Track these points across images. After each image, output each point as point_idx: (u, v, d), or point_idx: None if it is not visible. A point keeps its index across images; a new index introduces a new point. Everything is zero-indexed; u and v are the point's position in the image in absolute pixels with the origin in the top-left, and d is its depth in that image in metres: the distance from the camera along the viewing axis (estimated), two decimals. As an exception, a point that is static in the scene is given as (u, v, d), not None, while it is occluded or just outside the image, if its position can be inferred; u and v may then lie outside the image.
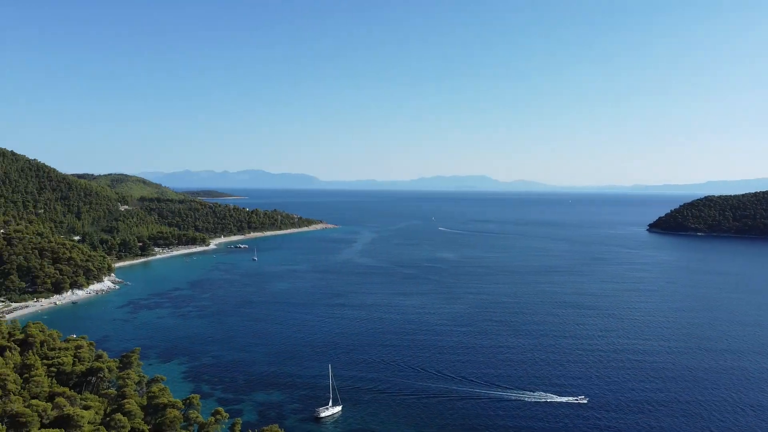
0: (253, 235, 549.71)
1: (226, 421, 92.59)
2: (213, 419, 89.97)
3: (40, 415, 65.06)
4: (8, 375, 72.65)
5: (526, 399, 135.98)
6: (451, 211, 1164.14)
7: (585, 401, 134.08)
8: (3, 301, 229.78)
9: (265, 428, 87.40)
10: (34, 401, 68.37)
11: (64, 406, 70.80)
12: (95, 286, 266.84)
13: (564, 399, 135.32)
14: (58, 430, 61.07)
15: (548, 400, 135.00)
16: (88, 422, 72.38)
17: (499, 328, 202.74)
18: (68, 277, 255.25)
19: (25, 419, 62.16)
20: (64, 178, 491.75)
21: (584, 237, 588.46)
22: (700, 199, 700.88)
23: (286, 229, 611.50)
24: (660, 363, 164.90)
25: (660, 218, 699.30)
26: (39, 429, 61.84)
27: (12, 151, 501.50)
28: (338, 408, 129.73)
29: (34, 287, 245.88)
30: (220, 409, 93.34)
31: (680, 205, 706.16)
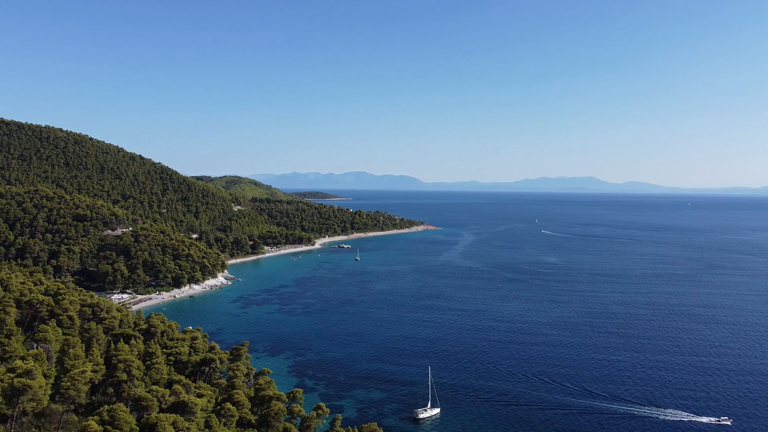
0: (356, 235, 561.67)
1: (327, 416, 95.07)
2: (315, 414, 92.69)
3: (159, 401, 70.32)
4: (133, 361, 79.28)
5: (659, 417, 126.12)
6: (555, 214, 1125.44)
7: (728, 423, 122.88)
8: (130, 294, 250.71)
9: (364, 426, 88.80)
10: (154, 387, 74.07)
11: (181, 393, 75.96)
12: (210, 282, 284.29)
13: (704, 419, 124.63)
14: (174, 415, 65.64)
15: (685, 419, 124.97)
16: (201, 409, 77.09)
17: (611, 339, 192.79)
18: (186, 273, 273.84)
19: (146, 403, 67.50)
20: (184, 180, 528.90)
21: (705, 243, 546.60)
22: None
23: (388, 230, 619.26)
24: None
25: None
26: (158, 413, 66.83)
27: (140, 155, 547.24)
28: (437, 410, 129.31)
29: (156, 281, 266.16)
30: (322, 404, 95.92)
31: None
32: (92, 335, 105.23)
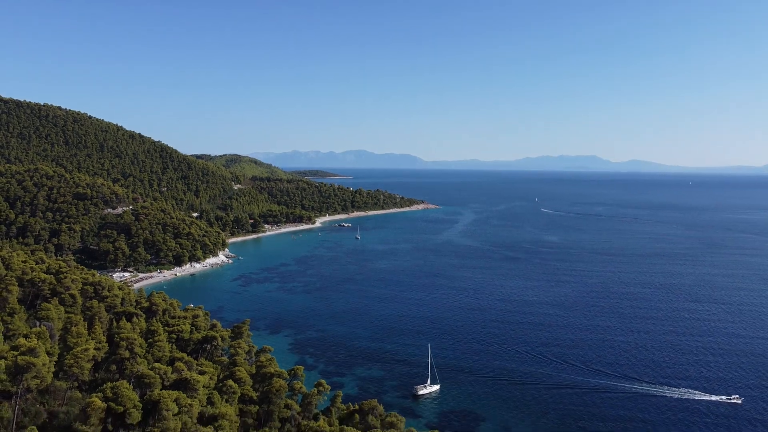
0: (356, 214, 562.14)
1: (328, 392, 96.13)
2: (316, 390, 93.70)
3: (161, 378, 71.16)
4: (135, 339, 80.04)
5: (668, 395, 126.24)
6: (556, 193, 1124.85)
7: (739, 401, 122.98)
8: (131, 272, 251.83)
9: (364, 402, 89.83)
10: (156, 364, 74.90)
11: (183, 370, 76.82)
12: (211, 260, 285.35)
13: (715, 398, 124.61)
14: (177, 392, 66.46)
15: (694, 398, 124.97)
16: (203, 386, 78.00)
17: (613, 318, 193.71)
18: (187, 251, 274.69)
19: (149, 380, 68.31)
20: (184, 159, 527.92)
21: (707, 222, 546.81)
22: None
23: (389, 208, 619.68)
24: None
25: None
26: (160, 390, 67.65)
27: (140, 133, 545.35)
28: (436, 387, 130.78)
29: (157, 259, 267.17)
30: (323, 381, 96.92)
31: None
32: (94, 313, 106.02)
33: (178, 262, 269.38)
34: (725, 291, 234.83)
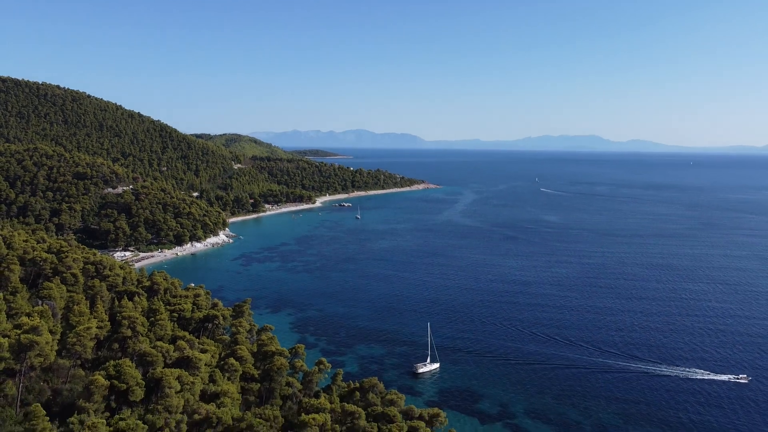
0: (356, 193, 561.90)
1: (329, 371, 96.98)
2: (317, 368, 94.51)
3: (164, 356, 71.80)
4: (137, 318, 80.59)
5: (674, 375, 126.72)
6: (557, 173, 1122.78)
7: (746, 381, 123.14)
8: (132, 251, 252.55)
9: (365, 380, 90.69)
10: (159, 343, 75.53)
11: (185, 348, 77.45)
12: (212, 240, 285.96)
13: (723, 377, 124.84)
14: (179, 369, 67.12)
15: (701, 377, 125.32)
16: (205, 364, 78.73)
17: (616, 298, 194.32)
18: (188, 231, 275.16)
19: (151, 358, 68.96)
20: (184, 138, 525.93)
21: (707, 202, 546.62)
22: None
23: (389, 188, 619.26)
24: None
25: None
26: (163, 368, 68.32)
27: (139, 113, 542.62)
28: (436, 365, 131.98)
29: (158, 239, 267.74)
30: (323, 359, 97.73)
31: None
32: (96, 292, 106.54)
33: (179, 241, 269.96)
34: (725, 271, 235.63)
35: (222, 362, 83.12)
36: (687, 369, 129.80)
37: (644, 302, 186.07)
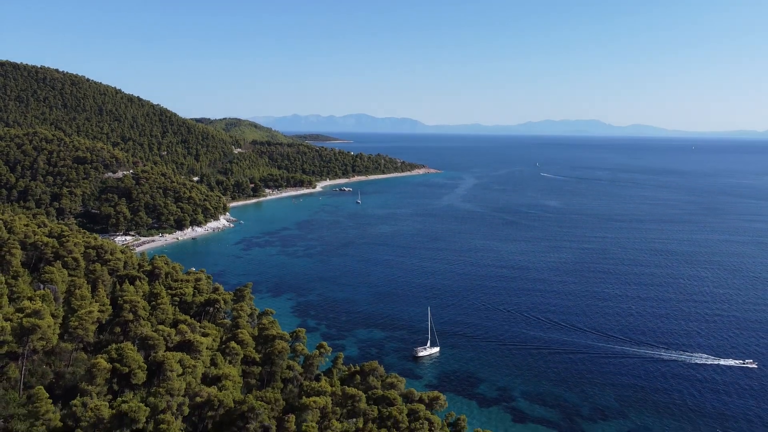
0: (357, 178, 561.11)
1: (329, 354, 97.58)
2: (317, 352, 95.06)
3: (165, 339, 72.18)
4: (138, 302, 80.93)
5: (681, 360, 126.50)
6: (557, 157, 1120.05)
7: (754, 366, 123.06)
8: (133, 236, 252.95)
9: (365, 363, 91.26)
10: (160, 326, 75.89)
11: (186, 332, 77.85)
12: (212, 224, 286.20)
13: (730, 362, 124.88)
14: (181, 353, 67.57)
15: (709, 362, 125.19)
16: (207, 348, 79.20)
17: (612, 282, 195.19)
18: (188, 215, 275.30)
19: (153, 342, 69.38)
20: (184, 123, 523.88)
21: (708, 187, 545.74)
22: None
23: (389, 173, 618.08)
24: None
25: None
26: (164, 351, 68.78)
27: (138, 97, 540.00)
28: (436, 349, 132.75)
29: (159, 223, 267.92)
30: (324, 343, 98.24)
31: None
32: (97, 276, 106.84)
33: (180, 226, 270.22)
34: (727, 257, 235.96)
35: (223, 346, 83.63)
36: (690, 354, 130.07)
37: (644, 288, 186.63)
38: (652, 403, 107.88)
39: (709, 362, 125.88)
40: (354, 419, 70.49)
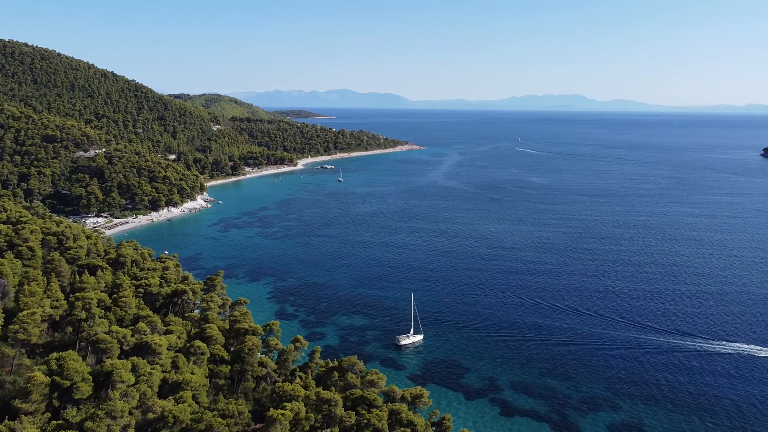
0: (339, 155, 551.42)
1: (306, 348, 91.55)
2: (293, 346, 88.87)
3: (120, 342, 65.40)
4: (92, 299, 73.53)
5: (665, 343, 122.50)
6: (540, 133, 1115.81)
7: (753, 353, 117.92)
8: (106, 217, 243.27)
9: (343, 359, 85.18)
10: (114, 327, 68.89)
11: (145, 332, 71.08)
12: (189, 204, 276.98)
13: (745, 346, 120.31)
14: (136, 358, 60.86)
15: (710, 349, 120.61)
16: (169, 347, 72.58)
17: (599, 262, 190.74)
18: (164, 195, 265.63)
19: (104, 346, 62.52)
20: (160, 99, 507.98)
21: (690, 162, 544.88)
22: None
23: (372, 149, 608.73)
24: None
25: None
26: (119, 356, 62.11)
27: (112, 72, 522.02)
28: (420, 337, 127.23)
29: (133, 204, 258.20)
30: (300, 336, 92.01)
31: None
32: (54, 267, 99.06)
33: (155, 206, 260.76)
34: (712, 233, 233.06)
35: (188, 344, 76.82)
36: (683, 338, 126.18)
37: (629, 267, 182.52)
38: (642, 391, 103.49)
39: (706, 347, 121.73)
40: (329, 430, 64.29)
